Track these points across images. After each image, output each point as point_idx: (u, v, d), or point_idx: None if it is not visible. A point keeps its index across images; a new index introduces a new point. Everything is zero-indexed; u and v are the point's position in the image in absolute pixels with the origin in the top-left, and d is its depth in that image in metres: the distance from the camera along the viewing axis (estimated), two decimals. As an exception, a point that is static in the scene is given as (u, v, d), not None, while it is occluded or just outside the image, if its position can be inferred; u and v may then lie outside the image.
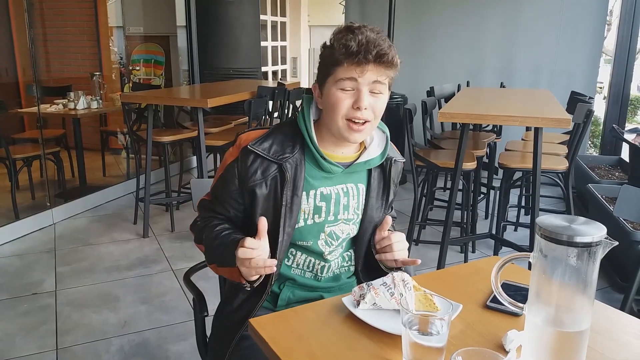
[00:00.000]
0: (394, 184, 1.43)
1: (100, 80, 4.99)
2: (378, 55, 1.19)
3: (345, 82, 1.21)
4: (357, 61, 1.18)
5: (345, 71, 1.20)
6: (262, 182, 1.28)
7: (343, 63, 1.20)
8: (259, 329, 1.02)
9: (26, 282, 3.06)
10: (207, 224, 1.35)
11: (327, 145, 1.31)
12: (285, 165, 1.27)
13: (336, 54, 1.21)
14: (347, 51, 1.19)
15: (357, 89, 1.22)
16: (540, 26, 4.99)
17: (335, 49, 1.21)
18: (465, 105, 3.07)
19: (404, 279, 1.11)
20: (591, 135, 6.13)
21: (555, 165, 3.12)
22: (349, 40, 1.19)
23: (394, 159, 1.40)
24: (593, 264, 0.82)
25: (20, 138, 4.84)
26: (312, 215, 1.32)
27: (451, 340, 0.94)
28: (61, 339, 2.47)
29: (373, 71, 1.20)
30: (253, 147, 1.27)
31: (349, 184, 1.35)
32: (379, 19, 5.46)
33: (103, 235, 3.82)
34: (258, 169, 1.28)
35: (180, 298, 2.87)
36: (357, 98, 1.22)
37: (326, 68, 1.25)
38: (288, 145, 1.29)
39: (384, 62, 1.20)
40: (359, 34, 1.19)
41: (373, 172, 1.38)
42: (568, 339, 0.85)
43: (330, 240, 1.35)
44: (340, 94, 1.23)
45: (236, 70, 5.45)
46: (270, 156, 1.27)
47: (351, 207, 1.35)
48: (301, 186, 1.29)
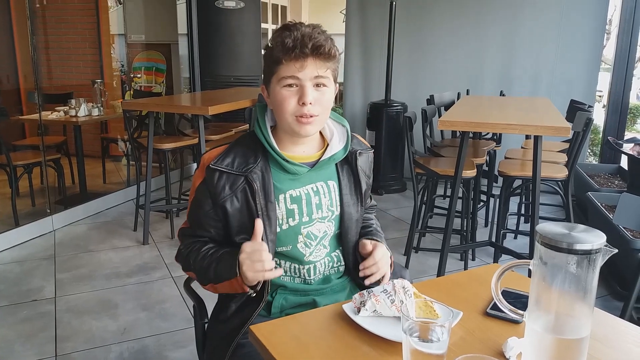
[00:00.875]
0: (365, 176, 1.44)
1: (101, 88, 5.01)
2: (314, 48, 1.21)
3: (288, 79, 1.23)
4: (294, 57, 1.21)
5: (286, 69, 1.23)
6: (232, 196, 1.29)
7: (282, 61, 1.22)
8: (259, 336, 1.02)
9: (26, 288, 3.06)
10: (190, 249, 1.36)
11: (287, 146, 1.33)
12: (251, 175, 1.28)
13: (275, 53, 1.23)
14: (283, 48, 1.21)
15: (300, 85, 1.24)
16: (539, 35, 5.02)
17: (274, 47, 1.23)
18: (465, 114, 3.08)
19: (405, 286, 1.11)
20: (591, 143, 6.14)
21: (554, 174, 3.13)
22: (285, 37, 1.21)
23: (359, 151, 1.41)
24: (593, 271, 0.82)
25: (21, 145, 4.86)
26: (286, 220, 1.33)
27: (451, 347, 0.94)
28: (60, 346, 2.47)
29: (313, 65, 1.23)
30: (216, 165, 1.29)
31: (318, 182, 1.36)
32: (379, 28, 5.49)
33: (103, 242, 3.82)
34: (225, 184, 1.29)
35: (179, 305, 2.87)
36: (302, 94, 1.24)
37: (269, 68, 1.27)
38: (250, 156, 1.31)
39: (321, 55, 1.22)
40: (294, 30, 1.22)
41: (340, 169, 1.39)
42: (568, 347, 0.85)
43: (309, 241, 1.35)
44: (285, 91, 1.25)
45: (237, 78, 5.47)
46: (234, 170, 1.29)
47: (324, 205, 1.36)
48: (272, 192, 1.30)
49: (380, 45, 5.51)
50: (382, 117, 4.96)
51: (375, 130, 5.02)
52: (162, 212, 4.35)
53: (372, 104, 5.15)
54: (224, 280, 1.25)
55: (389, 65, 5.04)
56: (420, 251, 3.64)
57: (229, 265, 1.23)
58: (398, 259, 3.41)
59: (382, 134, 4.99)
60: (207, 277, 1.30)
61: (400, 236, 3.80)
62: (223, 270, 1.24)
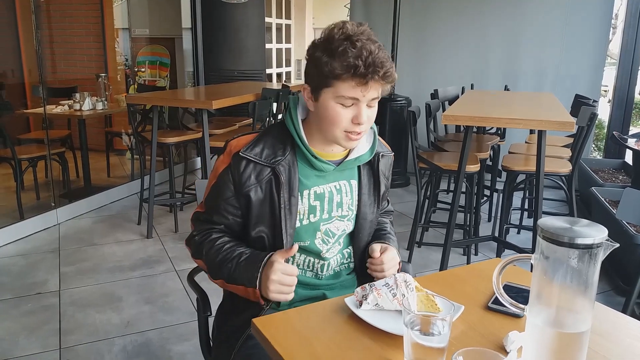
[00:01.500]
0: (384, 178, 1.44)
1: (105, 82, 5.01)
2: (384, 76, 1.18)
3: (347, 100, 1.20)
4: (362, 82, 1.16)
5: (348, 89, 1.18)
6: (257, 186, 1.28)
7: (346, 80, 1.17)
8: (262, 329, 1.03)
9: (30, 281, 3.08)
10: (205, 238, 1.34)
11: (317, 144, 1.32)
12: (278, 168, 1.27)
13: (338, 69, 1.16)
14: (354, 71, 1.15)
15: (357, 105, 1.21)
16: (544, 29, 4.99)
17: (337, 61, 1.16)
18: (469, 108, 3.07)
19: (406, 280, 1.11)
20: (595, 138, 6.12)
21: (558, 168, 3.12)
22: (355, 58, 1.14)
23: (382, 154, 1.41)
24: (594, 265, 0.82)
25: (26, 138, 4.87)
26: (307, 215, 1.33)
27: (452, 341, 0.94)
28: (64, 339, 2.49)
29: (375, 89, 1.20)
30: (245, 154, 1.27)
31: (341, 181, 1.36)
32: (383, 22, 5.47)
33: (107, 235, 3.83)
34: (252, 173, 1.28)
35: (183, 298, 2.88)
36: (358, 114, 1.21)
37: (323, 77, 1.20)
38: (279, 148, 1.30)
39: (387, 81, 1.20)
40: (362, 49, 1.15)
41: (362, 169, 1.39)
42: (568, 340, 0.85)
43: (327, 238, 1.36)
44: (340, 109, 1.21)
45: (241, 72, 5.46)
46: (262, 161, 1.28)
47: (345, 203, 1.36)
48: (296, 187, 1.29)
49: (384, 40, 5.44)
50: (386, 111, 4.95)
51: (379, 125, 5.01)
52: (166, 206, 4.36)
53: (376, 99, 5.14)
54: (239, 284, 1.25)
55: (393, 59, 4.97)
56: (423, 246, 3.64)
57: (250, 274, 1.22)
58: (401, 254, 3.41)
59: (385, 128, 4.98)
60: (221, 273, 1.29)
61: (403, 231, 3.80)
62: (242, 276, 1.24)
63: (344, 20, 1.22)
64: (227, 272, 1.27)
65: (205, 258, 1.32)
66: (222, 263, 1.28)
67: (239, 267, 1.25)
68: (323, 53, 1.19)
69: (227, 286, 1.30)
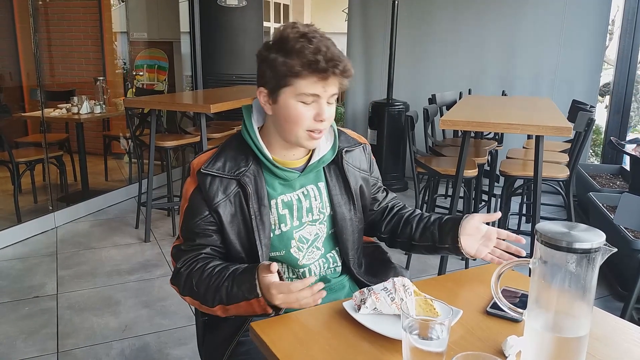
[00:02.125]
0: (360, 171, 1.41)
1: (103, 85, 5.02)
2: (343, 70, 1.18)
3: (309, 97, 1.20)
4: (322, 77, 1.17)
5: (309, 86, 1.18)
6: (226, 201, 1.27)
7: (306, 76, 1.17)
8: (260, 333, 1.03)
9: (28, 285, 3.07)
10: (192, 268, 1.26)
11: (278, 150, 1.30)
12: (244, 179, 1.26)
13: (297, 66, 1.16)
14: (315, 66, 1.15)
15: (317, 102, 1.21)
16: (541, 34, 5.01)
17: (294, 59, 1.16)
18: (467, 113, 3.08)
19: (405, 284, 1.11)
20: (592, 143, 6.14)
21: (556, 174, 3.13)
22: (313, 54, 1.15)
23: (344, 149, 1.38)
24: (592, 270, 0.82)
25: (24, 142, 4.86)
26: (278, 225, 1.31)
27: (451, 345, 0.94)
28: (62, 343, 2.48)
29: (334, 85, 1.20)
30: (207, 170, 1.26)
31: (308, 185, 1.35)
32: (381, 27, 5.49)
33: (105, 239, 3.83)
34: (218, 189, 1.26)
35: (180, 303, 2.87)
36: (320, 111, 1.21)
37: (281, 77, 1.19)
38: (241, 159, 1.28)
39: (345, 76, 1.20)
40: (319, 44, 1.16)
41: (327, 170, 1.37)
42: (567, 345, 0.86)
43: (301, 245, 1.34)
44: (302, 107, 1.21)
45: (239, 77, 5.47)
46: (226, 174, 1.26)
47: (314, 208, 1.35)
48: (265, 196, 1.28)
49: (382, 44, 5.50)
50: (383, 116, 4.96)
51: (377, 130, 5.01)
52: (163, 210, 4.36)
53: (374, 103, 5.15)
54: (240, 300, 1.16)
55: (391, 64, 5.04)
56: (421, 250, 3.64)
57: (248, 283, 1.14)
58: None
59: (383, 133, 4.98)
60: (217, 298, 1.20)
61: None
62: (240, 289, 1.16)
63: (292, 22, 1.23)
64: (225, 292, 1.18)
65: (197, 289, 1.23)
66: (218, 285, 1.20)
67: (236, 282, 1.17)
68: (278, 53, 1.19)
69: (228, 310, 1.20)
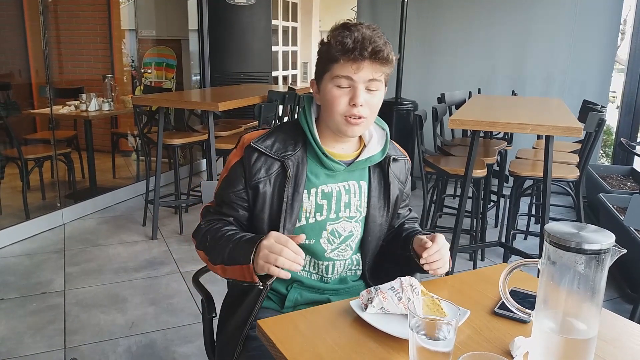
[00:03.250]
0: (398, 182, 1.42)
1: (112, 83, 5.04)
2: (374, 52, 1.21)
3: (342, 79, 1.23)
4: (352, 58, 1.21)
5: (341, 68, 1.22)
6: (266, 180, 1.29)
7: (339, 60, 1.22)
8: (266, 330, 1.02)
9: (35, 281, 3.09)
10: (210, 227, 1.33)
11: (328, 142, 1.33)
12: (287, 162, 1.29)
13: (332, 51, 1.22)
14: (343, 48, 1.20)
15: (353, 86, 1.24)
16: (552, 35, 4.98)
17: (332, 45, 1.22)
18: (476, 112, 3.06)
19: (412, 283, 1.11)
20: (603, 144, 6.09)
21: (566, 174, 3.11)
22: (345, 37, 1.20)
23: (392, 157, 1.40)
24: (601, 271, 0.81)
25: (32, 139, 4.89)
26: (313, 214, 1.32)
27: (458, 345, 0.94)
28: (69, 339, 2.49)
29: (369, 68, 1.22)
30: (256, 145, 1.29)
31: (351, 181, 1.36)
32: (390, 26, 5.47)
33: (112, 236, 3.84)
34: (262, 166, 1.29)
35: (187, 300, 2.88)
36: (353, 95, 1.24)
37: (323, 65, 1.26)
38: (290, 143, 1.31)
39: (379, 59, 1.22)
40: (354, 30, 1.21)
41: (372, 171, 1.38)
42: (575, 347, 0.85)
43: (333, 238, 1.35)
44: (337, 91, 1.24)
45: (247, 75, 5.48)
46: (272, 153, 1.29)
47: (353, 204, 1.35)
48: (302, 183, 1.30)
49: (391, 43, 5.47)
50: (392, 115, 4.95)
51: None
52: (171, 208, 4.37)
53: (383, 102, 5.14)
54: (236, 263, 1.19)
55: (400, 63, 5.02)
56: (428, 250, 3.62)
57: (246, 250, 1.17)
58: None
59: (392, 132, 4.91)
60: (220, 256, 1.24)
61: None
62: (238, 253, 1.19)
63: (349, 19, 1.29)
64: (227, 252, 1.23)
65: (208, 244, 1.30)
66: (224, 246, 1.24)
67: (238, 246, 1.21)
68: (323, 44, 1.27)
69: (225, 271, 1.24)
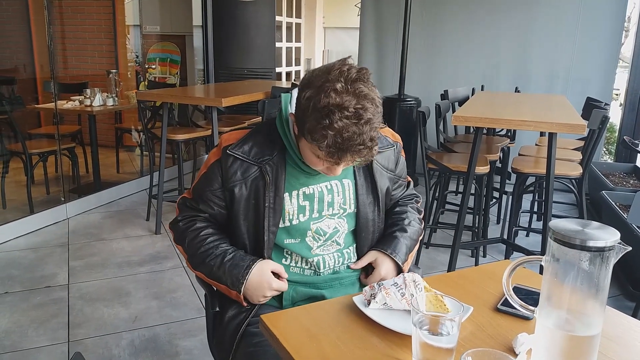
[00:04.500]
0: (387, 171, 1.42)
1: (116, 78, 5.04)
2: (355, 158, 1.16)
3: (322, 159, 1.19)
4: (335, 159, 1.16)
5: (322, 156, 1.17)
6: (242, 183, 1.30)
7: (322, 151, 1.14)
8: (270, 326, 1.03)
9: (39, 275, 3.11)
10: (189, 226, 1.38)
11: None
12: (265, 167, 1.29)
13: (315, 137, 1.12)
14: (325, 150, 1.13)
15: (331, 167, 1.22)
16: (556, 31, 4.96)
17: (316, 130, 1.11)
18: (480, 109, 3.06)
19: (415, 279, 1.11)
20: (606, 142, 6.07)
21: (569, 171, 3.10)
22: (330, 138, 1.10)
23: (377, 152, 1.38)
24: (606, 269, 0.81)
25: (37, 133, 4.91)
26: (296, 215, 1.33)
27: (461, 341, 0.94)
28: (73, 332, 2.50)
29: (350, 160, 1.18)
30: (232, 151, 1.30)
31: (333, 180, 1.35)
32: (393, 22, 5.47)
33: (116, 230, 3.86)
34: (238, 170, 1.30)
35: (190, 295, 2.89)
36: (332, 170, 1.23)
37: (304, 128, 1.15)
38: (268, 147, 1.31)
39: (362, 156, 1.17)
40: (341, 130, 1.09)
41: (357, 168, 1.38)
42: (578, 343, 0.85)
43: (318, 236, 1.35)
44: (316, 159, 1.20)
45: (250, 71, 5.48)
46: (250, 159, 1.30)
47: (336, 203, 1.36)
48: (282, 187, 1.30)
49: (394, 39, 5.48)
50: (395, 111, 4.94)
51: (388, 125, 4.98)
52: (174, 203, 4.35)
53: (386, 98, 5.13)
54: (222, 283, 1.32)
55: (403, 59, 5.01)
56: (431, 247, 3.63)
57: (234, 278, 1.29)
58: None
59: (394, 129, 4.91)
60: (203, 267, 1.34)
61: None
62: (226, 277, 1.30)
63: (343, 63, 1.14)
64: (209, 268, 1.32)
65: (187, 247, 1.37)
66: (204, 258, 1.33)
67: (222, 267, 1.30)
68: (309, 106, 1.12)
69: (207, 280, 1.36)
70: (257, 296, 1.30)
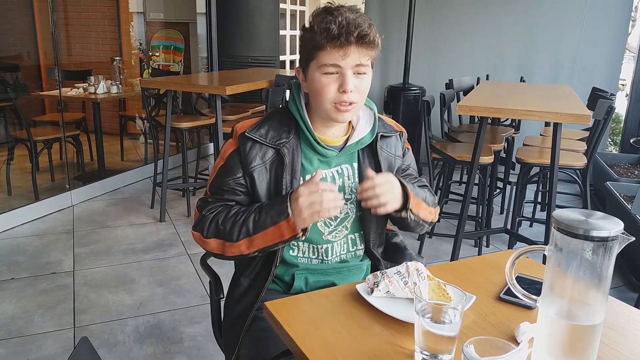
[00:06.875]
0: (395, 157, 1.42)
1: (120, 66, 5.03)
2: (360, 37, 1.19)
3: (329, 67, 1.22)
4: (339, 44, 1.19)
5: (328, 56, 1.21)
6: (262, 167, 1.30)
7: (325, 47, 1.20)
8: (273, 312, 1.04)
9: (45, 261, 3.13)
10: (218, 211, 1.31)
11: (318, 128, 1.33)
12: (282, 150, 1.29)
13: (317, 38, 1.20)
14: (328, 35, 1.18)
15: (341, 72, 1.23)
16: (562, 21, 4.92)
17: (316, 32, 1.20)
18: (484, 99, 3.05)
19: (418, 268, 1.12)
20: (611, 133, 6.05)
21: (573, 162, 3.09)
22: (329, 23, 1.18)
23: (382, 134, 1.39)
24: (609, 259, 0.82)
25: (41, 120, 4.91)
26: None
27: (463, 330, 0.95)
28: (78, 318, 2.53)
29: (355, 53, 1.21)
30: (250, 134, 1.30)
31: (344, 165, 1.36)
32: (398, 10, 5.43)
33: (120, 218, 3.87)
34: (257, 154, 1.30)
35: (195, 282, 2.91)
36: (342, 82, 1.22)
37: (308, 52, 1.25)
38: (283, 131, 1.32)
39: (366, 43, 1.21)
40: (338, 15, 1.19)
41: (361, 152, 1.38)
42: (581, 333, 0.85)
43: (329, 220, 1.36)
44: (325, 79, 1.23)
45: (254, 59, 5.46)
46: (267, 142, 1.30)
47: (346, 187, 1.36)
48: (299, 170, 1.31)
49: (399, 28, 5.45)
50: (399, 100, 4.93)
51: (392, 114, 4.99)
52: (178, 190, 4.40)
53: (390, 87, 5.12)
54: (266, 227, 1.21)
55: (408, 48, 4.99)
56: (434, 236, 3.64)
57: (278, 208, 1.20)
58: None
59: (399, 118, 4.96)
60: (244, 229, 1.24)
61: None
62: (268, 216, 1.21)
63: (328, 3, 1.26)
64: (252, 223, 1.23)
65: (222, 226, 1.27)
66: (245, 218, 1.25)
67: (263, 211, 1.23)
68: (306, 31, 1.25)
69: (252, 242, 1.24)
70: (311, 206, 1.17)
